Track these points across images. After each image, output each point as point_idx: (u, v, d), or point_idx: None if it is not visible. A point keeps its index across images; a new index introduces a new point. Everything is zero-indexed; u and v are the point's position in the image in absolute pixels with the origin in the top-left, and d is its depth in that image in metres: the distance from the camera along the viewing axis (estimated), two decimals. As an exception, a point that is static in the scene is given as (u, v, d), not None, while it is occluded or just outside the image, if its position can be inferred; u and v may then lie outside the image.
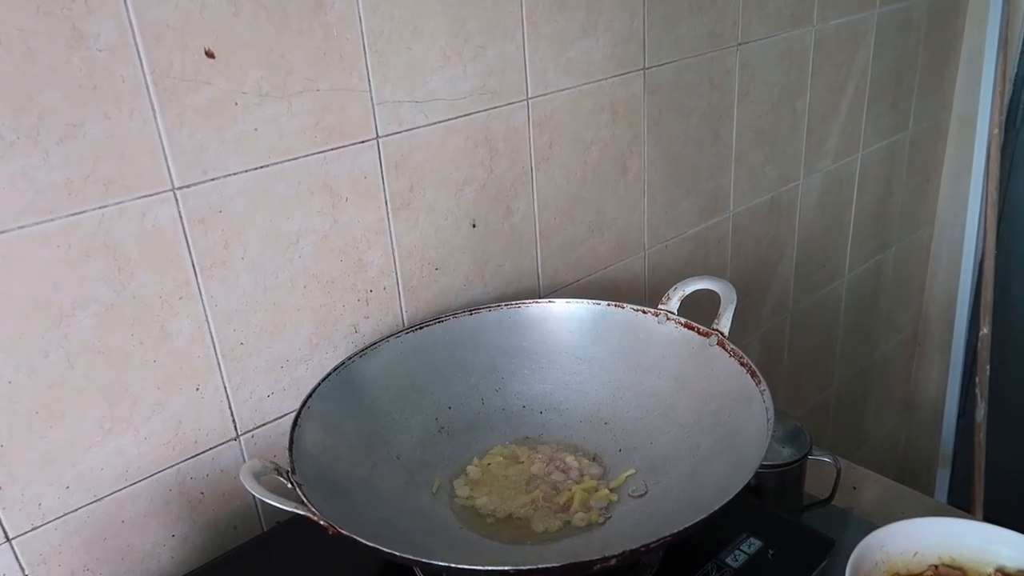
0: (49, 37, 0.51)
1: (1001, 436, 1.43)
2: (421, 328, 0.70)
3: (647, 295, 0.98)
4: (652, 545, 0.44)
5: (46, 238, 0.54)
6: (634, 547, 0.44)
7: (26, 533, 0.58)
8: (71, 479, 0.59)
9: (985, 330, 1.36)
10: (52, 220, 0.54)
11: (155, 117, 0.56)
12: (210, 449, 0.65)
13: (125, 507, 0.62)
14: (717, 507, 0.46)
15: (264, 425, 0.68)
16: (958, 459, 1.52)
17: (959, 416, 1.50)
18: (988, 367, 1.37)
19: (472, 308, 0.73)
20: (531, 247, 0.84)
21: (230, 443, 0.67)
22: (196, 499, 0.66)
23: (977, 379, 1.39)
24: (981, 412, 1.38)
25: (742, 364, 0.61)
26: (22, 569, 0.58)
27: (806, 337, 1.31)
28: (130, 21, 0.54)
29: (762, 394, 0.57)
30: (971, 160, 1.42)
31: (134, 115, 0.55)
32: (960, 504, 1.45)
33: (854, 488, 0.79)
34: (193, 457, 0.65)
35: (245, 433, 0.67)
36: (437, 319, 0.71)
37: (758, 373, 0.59)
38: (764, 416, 0.55)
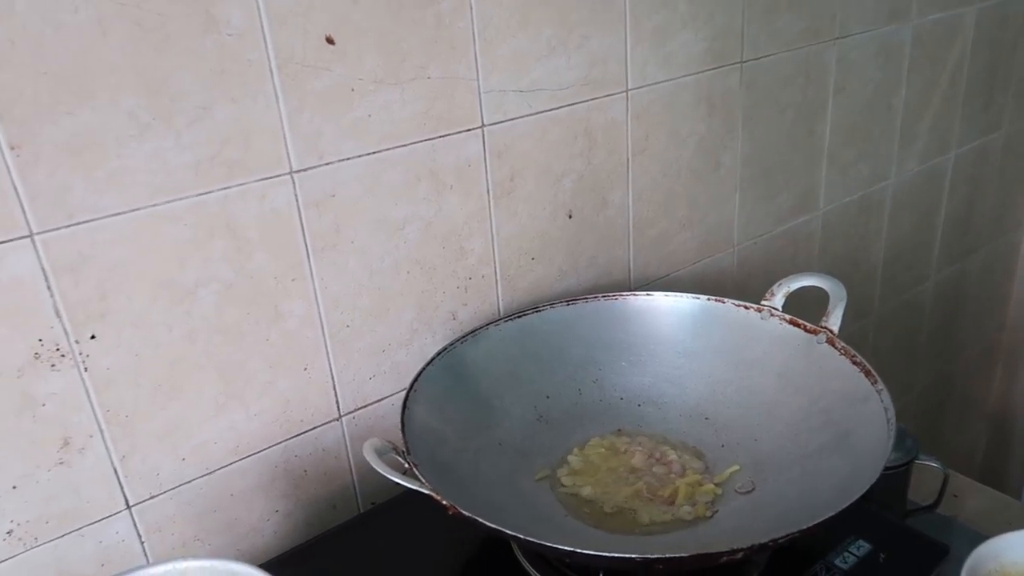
0: (185, 21, 0.53)
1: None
2: (520, 317, 0.70)
3: (735, 291, 0.97)
4: (782, 539, 0.44)
5: (175, 217, 0.56)
6: (763, 541, 0.43)
7: (144, 501, 0.60)
8: (187, 451, 0.61)
9: (1080, 339, 1.30)
10: (181, 200, 0.56)
11: (277, 101, 0.58)
12: (314, 428, 0.67)
13: (235, 481, 0.64)
14: (844, 505, 0.46)
15: (365, 407, 0.69)
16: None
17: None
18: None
19: (570, 299, 0.73)
20: (624, 240, 0.83)
21: (332, 423, 0.68)
22: (299, 476, 0.67)
23: (1069, 390, 1.33)
24: (1073, 425, 1.32)
25: (855, 363, 0.59)
26: (139, 536, 0.60)
27: (888, 342, 1.27)
28: (259, 7, 0.55)
29: (879, 394, 0.55)
30: (1067, 163, 1.36)
31: (258, 99, 0.57)
32: (1044, 519, 1.39)
33: (955, 496, 0.76)
34: (298, 435, 0.66)
35: (347, 414, 0.68)
36: (535, 308, 0.71)
37: (874, 372, 0.57)
38: (883, 417, 0.53)
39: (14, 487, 0.54)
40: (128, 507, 0.59)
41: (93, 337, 0.54)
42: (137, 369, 0.57)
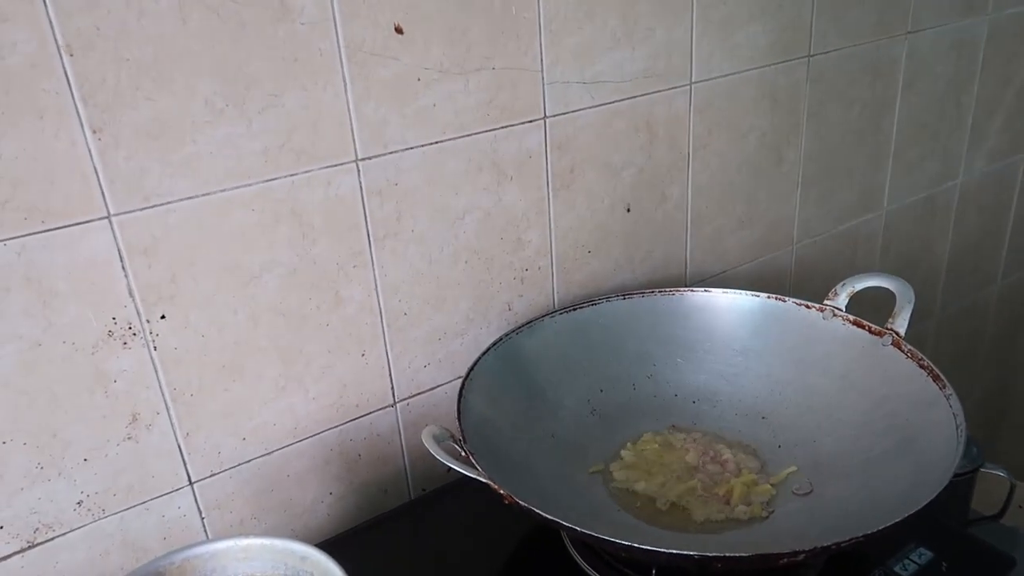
0: (260, 10, 0.53)
1: None
2: (575, 309, 0.70)
3: (792, 290, 0.95)
4: (844, 543, 0.43)
5: (243, 202, 0.57)
6: (825, 544, 0.43)
7: (206, 479, 0.61)
8: (247, 431, 0.62)
9: None
10: (250, 185, 0.57)
11: (346, 90, 0.58)
12: (369, 413, 0.68)
13: (291, 462, 0.65)
14: (911, 512, 0.45)
15: (419, 395, 0.70)
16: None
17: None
18: None
19: (625, 293, 0.72)
20: (681, 235, 0.82)
21: (387, 409, 0.69)
22: (354, 460, 0.68)
23: None
24: None
25: (922, 366, 0.58)
26: (200, 512, 0.62)
27: (949, 346, 1.24)
28: (331, -4, 0.56)
29: (948, 399, 0.54)
30: None
31: (327, 87, 0.58)
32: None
33: (1020, 507, 0.74)
34: (354, 420, 0.67)
35: (401, 401, 0.69)
36: (590, 301, 0.71)
37: (942, 377, 0.56)
38: (952, 423, 0.52)
39: (85, 459, 0.56)
40: (191, 483, 0.61)
41: (163, 317, 0.56)
42: (203, 350, 0.58)
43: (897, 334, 0.61)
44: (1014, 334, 1.35)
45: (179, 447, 0.59)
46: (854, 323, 0.64)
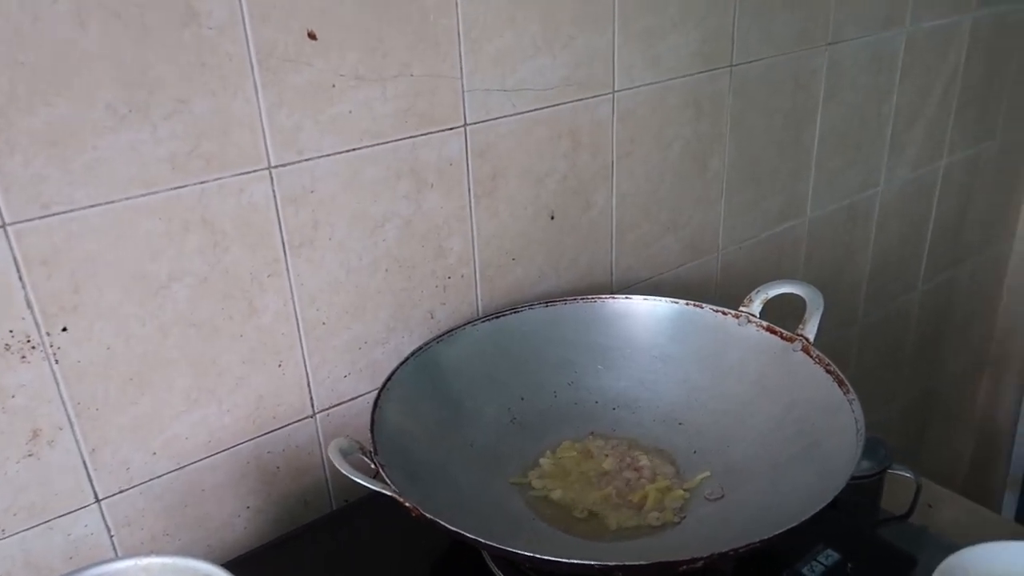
0: (164, 13, 0.52)
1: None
2: (498, 317, 0.70)
3: (718, 297, 0.97)
4: (741, 549, 0.44)
5: (150, 210, 0.55)
6: (724, 550, 0.43)
7: (114, 495, 0.59)
8: (158, 446, 0.60)
9: (1065, 352, 1.31)
10: (156, 193, 0.55)
11: (257, 96, 0.57)
12: (287, 425, 0.67)
13: (206, 476, 0.64)
14: (807, 515, 0.46)
15: (339, 405, 0.69)
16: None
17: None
18: (1066, 390, 1.31)
19: (548, 300, 0.73)
20: (606, 242, 0.83)
21: (306, 420, 0.68)
22: (272, 473, 0.67)
23: (1053, 402, 1.33)
24: (1056, 436, 1.33)
25: (829, 372, 0.59)
26: (108, 530, 0.60)
27: (872, 351, 1.27)
28: (240, 0, 0.55)
29: (851, 404, 0.55)
30: (1059, 174, 1.36)
31: (238, 93, 0.57)
32: (1025, 530, 1.40)
33: (929, 506, 0.76)
34: (271, 432, 0.66)
35: (321, 411, 0.68)
36: (513, 309, 0.71)
37: (846, 382, 0.57)
38: (853, 428, 0.53)
39: (-19, 477, 0.54)
40: (97, 500, 0.59)
41: (64, 329, 0.54)
42: (108, 362, 0.57)
43: (807, 340, 0.63)
44: (935, 339, 1.40)
45: (84, 463, 0.58)
46: (767, 329, 0.66)
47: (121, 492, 0.60)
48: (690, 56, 0.82)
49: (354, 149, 0.63)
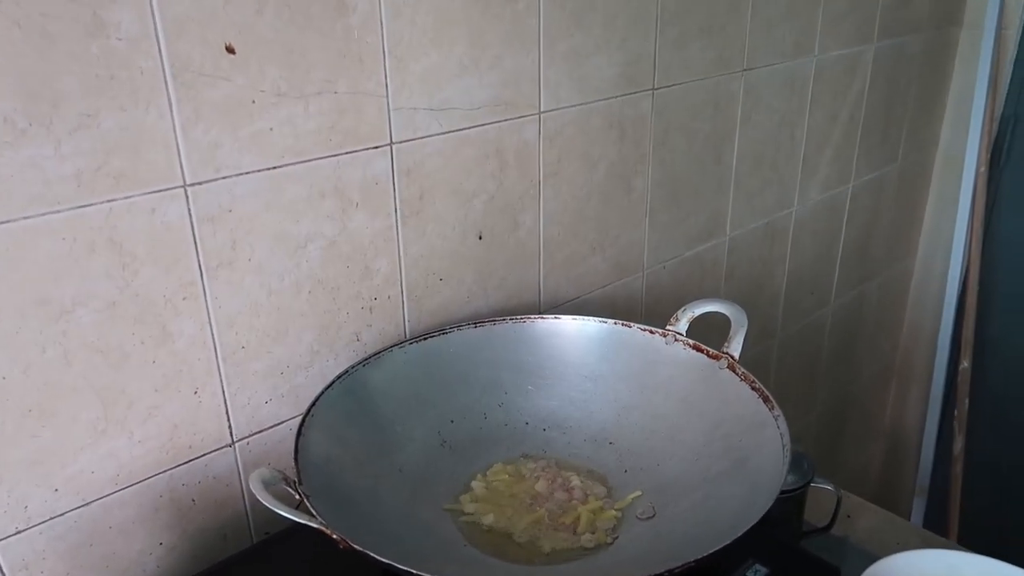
0: (69, 23, 0.49)
1: (976, 467, 1.45)
2: (426, 339, 0.69)
3: (644, 315, 0.98)
4: (677, 569, 0.44)
5: (51, 230, 0.52)
6: (659, 571, 0.43)
7: (10, 536, 0.55)
8: (60, 482, 0.56)
9: (965, 364, 1.38)
10: (58, 212, 0.52)
11: (171, 111, 0.55)
12: (204, 455, 0.63)
13: (113, 512, 0.60)
14: (740, 532, 0.46)
15: (260, 432, 0.66)
16: (933, 489, 1.54)
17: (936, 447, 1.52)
18: (967, 400, 1.39)
19: (477, 321, 0.72)
20: (534, 262, 0.83)
21: (224, 449, 0.65)
22: (187, 506, 0.64)
23: (956, 412, 1.41)
24: (959, 445, 1.40)
25: (754, 389, 0.60)
26: (2, 574, 0.55)
27: (791, 363, 1.32)
28: (153, 12, 0.52)
29: (776, 420, 0.56)
30: (954, 196, 1.45)
31: (150, 108, 0.54)
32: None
33: (848, 516, 0.79)
34: (186, 463, 0.63)
35: (240, 440, 0.65)
36: (441, 330, 0.70)
37: (771, 399, 0.58)
38: (779, 442, 0.54)
39: None
40: (-9, 543, 0.54)
41: (-46, 358, 0.50)
42: (4, 393, 0.52)
43: (732, 357, 0.64)
44: (847, 352, 1.46)
45: (-24, 503, 0.53)
46: (694, 347, 0.67)
47: (18, 533, 0.55)
48: (614, 78, 0.83)
49: (275, 167, 0.61)
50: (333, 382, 0.62)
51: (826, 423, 1.49)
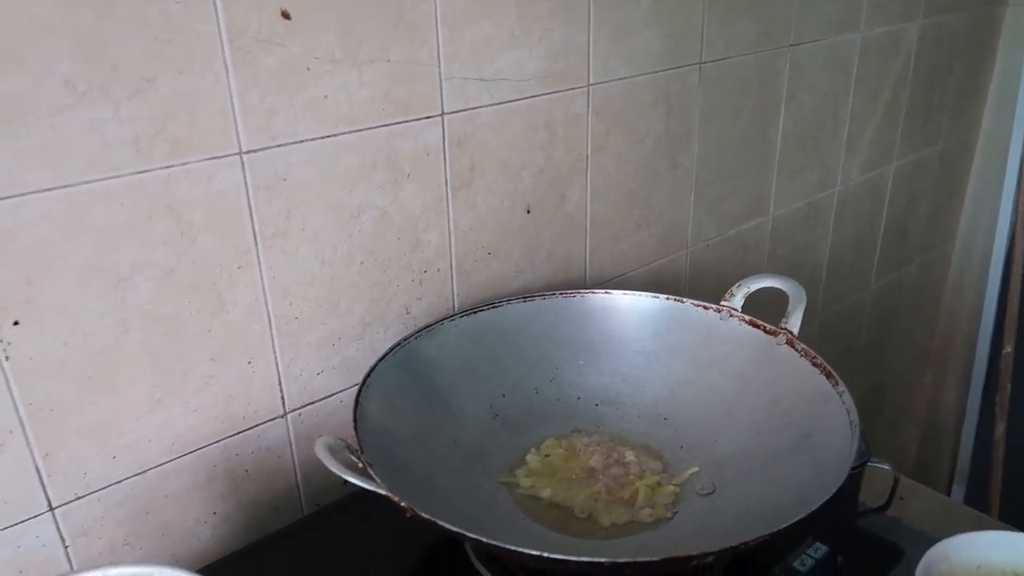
0: (130, -16, 0.49)
1: (1018, 452, 1.43)
2: (476, 312, 0.68)
3: (687, 293, 0.96)
4: (752, 542, 0.43)
5: (110, 196, 0.51)
6: (734, 544, 0.42)
7: (70, 503, 0.55)
8: (118, 449, 0.56)
9: (1008, 349, 1.36)
10: (118, 177, 0.51)
11: (228, 77, 0.54)
12: (257, 425, 0.63)
13: (170, 481, 0.60)
14: (812, 508, 0.45)
15: (312, 404, 0.66)
16: (973, 474, 1.51)
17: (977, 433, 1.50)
18: (1009, 385, 1.36)
19: (526, 295, 0.71)
20: (581, 237, 0.82)
21: (277, 420, 0.64)
22: (240, 476, 0.63)
23: (997, 397, 1.38)
24: (1000, 430, 1.38)
25: (815, 364, 0.59)
26: (63, 540, 0.55)
27: (828, 347, 1.30)
28: (211, -26, 0.52)
29: (841, 396, 0.55)
30: (997, 179, 1.42)
31: (207, 73, 0.53)
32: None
33: (901, 498, 0.77)
34: (240, 433, 0.62)
35: (293, 411, 0.65)
36: (491, 304, 0.69)
37: (835, 374, 0.57)
38: (845, 418, 0.53)
39: (-79, 487, 0.49)
40: (51, 509, 0.54)
41: (16, 324, 0.50)
42: (64, 360, 0.52)
43: (791, 333, 0.62)
44: (884, 336, 1.44)
45: (37, 469, 0.53)
46: (750, 323, 0.65)
47: (77, 499, 0.55)
48: (661, 52, 0.82)
49: (330, 136, 0.60)
50: (387, 353, 0.61)
51: (861, 408, 1.47)
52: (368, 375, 0.58)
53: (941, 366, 1.60)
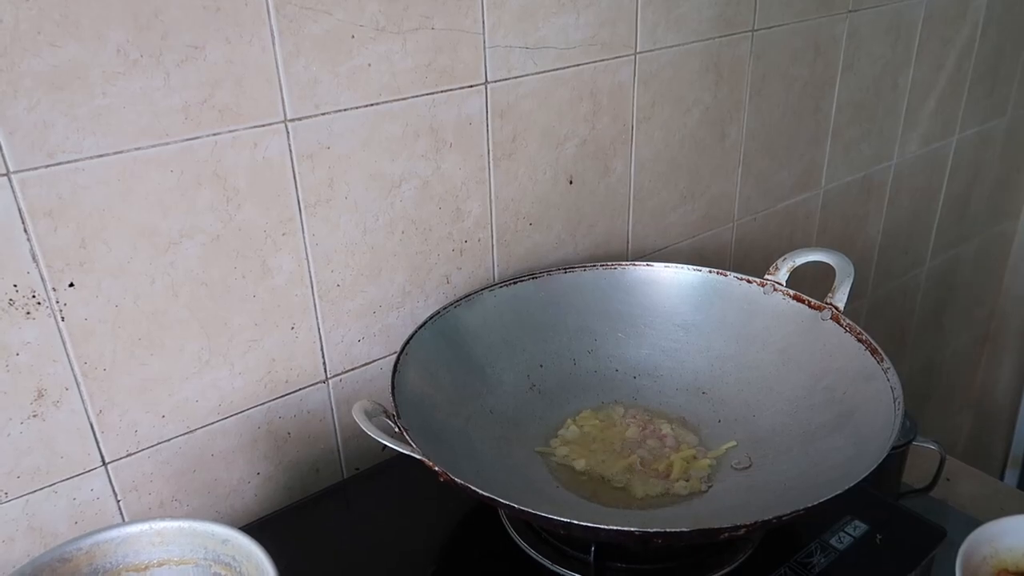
0: (177, -48, 0.49)
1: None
2: (516, 283, 0.68)
3: (733, 268, 0.95)
4: (786, 517, 0.43)
5: (160, 162, 0.53)
6: (767, 518, 0.42)
7: (121, 459, 0.57)
8: (167, 409, 0.58)
9: (1070, 330, 1.30)
10: (168, 144, 0.53)
11: (274, 45, 0.55)
12: (299, 390, 0.65)
13: (216, 441, 0.62)
14: (851, 483, 0.44)
15: (352, 370, 0.67)
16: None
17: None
18: (1069, 369, 1.31)
19: (567, 267, 0.71)
20: (624, 209, 0.81)
21: (319, 385, 0.66)
22: (283, 439, 0.65)
23: (1056, 381, 1.33)
24: (1057, 415, 1.33)
25: (860, 340, 0.58)
26: (115, 494, 0.58)
27: (880, 325, 1.27)
28: (256, -59, 0.52)
29: (886, 373, 0.54)
30: (1067, 153, 1.35)
31: (254, 41, 0.54)
32: None
33: (947, 480, 0.76)
34: (282, 396, 0.64)
35: (334, 376, 0.66)
36: (531, 275, 0.69)
37: (880, 351, 0.56)
38: (890, 396, 0.52)
39: (-16, 438, 0.51)
40: (104, 464, 0.57)
41: (71, 285, 0.52)
42: (117, 321, 0.54)
43: (836, 309, 0.61)
44: (939, 315, 1.39)
45: (91, 425, 0.55)
46: (794, 298, 0.64)
47: (128, 455, 0.58)
48: (712, 19, 0.80)
49: (372, 104, 0.60)
50: (426, 322, 0.62)
51: (913, 388, 1.44)
52: (407, 343, 0.59)
53: (998, 347, 1.54)
